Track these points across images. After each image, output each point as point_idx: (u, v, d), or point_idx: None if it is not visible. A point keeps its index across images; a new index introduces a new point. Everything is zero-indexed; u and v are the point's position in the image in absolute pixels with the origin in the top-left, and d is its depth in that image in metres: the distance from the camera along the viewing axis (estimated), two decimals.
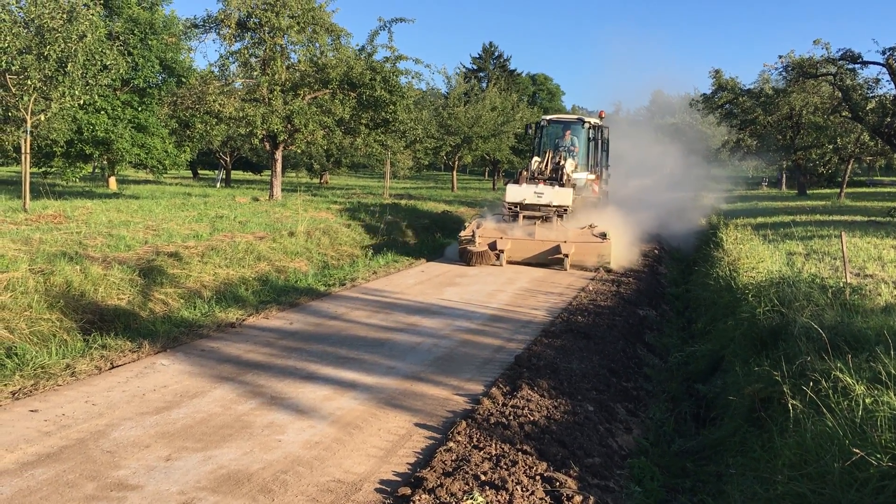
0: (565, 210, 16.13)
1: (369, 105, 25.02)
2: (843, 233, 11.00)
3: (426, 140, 37.29)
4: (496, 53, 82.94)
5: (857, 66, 28.99)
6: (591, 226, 15.85)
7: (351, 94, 24.80)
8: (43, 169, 31.52)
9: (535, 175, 17.12)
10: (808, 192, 44.22)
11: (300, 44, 25.13)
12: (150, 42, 30.59)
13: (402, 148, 33.00)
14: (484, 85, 60.88)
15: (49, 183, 30.37)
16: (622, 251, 16.12)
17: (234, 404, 6.41)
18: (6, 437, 5.47)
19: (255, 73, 24.66)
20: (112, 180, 34.46)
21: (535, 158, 18.02)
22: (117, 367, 7.41)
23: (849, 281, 9.08)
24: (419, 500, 4.45)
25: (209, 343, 8.54)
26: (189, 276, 11.60)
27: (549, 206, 16.14)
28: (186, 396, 6.56)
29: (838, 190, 40.24)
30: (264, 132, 23.93)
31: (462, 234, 16.05)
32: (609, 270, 15.13)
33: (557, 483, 4.78)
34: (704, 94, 42.70)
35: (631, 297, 12.32)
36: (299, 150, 30.92)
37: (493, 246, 15.66)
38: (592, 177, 18.59)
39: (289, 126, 24.25)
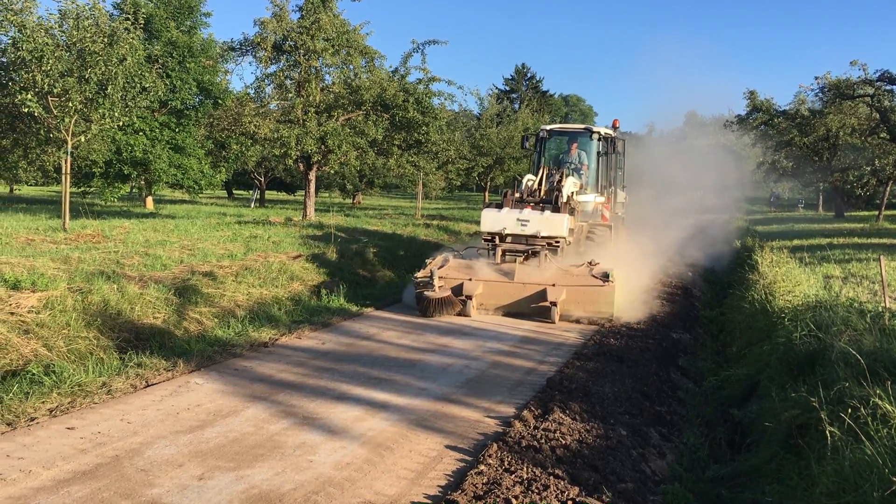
0: (557, 243, 12.58)
1: (402, 126, 25.19)
2: (881, 256, 10.82)
3: (458, 161, 37.39)
4: (528, 74, 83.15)
5: (894, 87, 28.60)
6: (590, 263, 12.43)
7: (384, 116, 25.00)
8: (82, 189, 32.10)
9: (525, 197, 13.53)
10: (845, 214, 43.55)
11: (334, 66, 25.43)
12: (187, 65, 31.13)
13: (435, 169, 33.12)
14: (516, 106, 61.01)
15: (88, 203, 30.92)
16: (633, 295, 12.81)
17: (266, 424, 6.45)
18: (43, 453, 5.55)
19: (290, 95, 24.98)
20: (149, 200, 34.99)
21: (529, 176, 14.34)
22: (152, 385, 7.49)
23: (888, 305, 8.91)
24: None
25: (242, 362, 8.61)
26: (223, 296, 11.72)
27: (535, 237, 12.57)
28: (220, 415, 6.62)
29: (876, 212, 39.58)
30: (298, 153, 24.19)
31: (418, 274, 12.41)
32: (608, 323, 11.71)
33: None
34: (739, 115, 42.36)
35: (664, 320, 12.21)
36: (332, 171, 31.18)
37: (458, 291, 11.98)
38: (602, 199, 15.55)
39: (322, 147, 24.48)
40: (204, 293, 11.41)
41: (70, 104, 16.08)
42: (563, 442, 5.95)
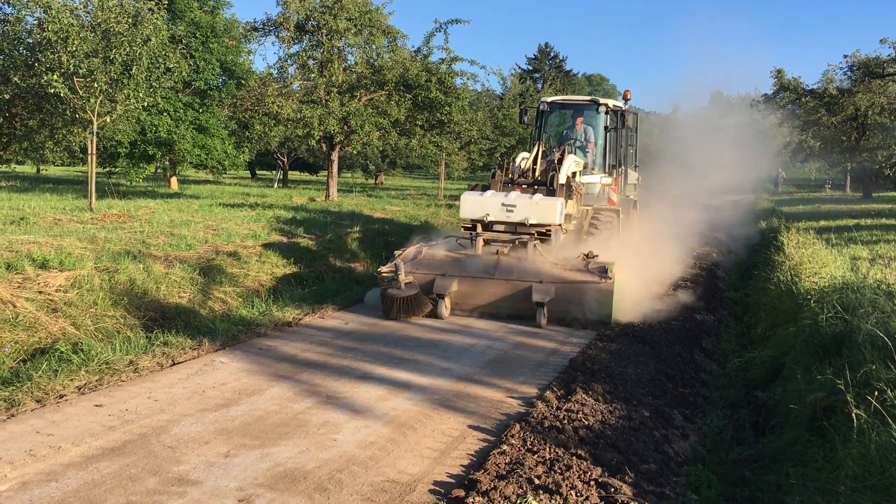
0: (549, 231, 10.85)
1: (425, 106, 25.15)
2: None
3: (481, 141, 37.29)
4: (552, 54, 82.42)
5: None
6: (587, 255, 10.46)
7: (406, 96, 24.96)
8: (108, 169, 32.39)
9: (516, 178, 11.87)
10: (873, 195, 42.96)
11: (357, 46, 25.42)
12: (211, 45, 31.20)
13: (457, 149, 33.10)
14: (539, 86, 60.60)
15: (113, 183, 31.21)
16: (641, 292, 11.07)
17: (290, 402, 6.51)
18: (72, 430, 5.64)
19: (313, 75, 24.99)
20: (174, 180, 35.25)
21: (523, 154, 12.70)
22: (178, 363, 7.58)
23: None
24: (473, 503, 4.46)
25: (266, 341, 8.68)
26: (247, 276, 11.81)
27: (523, 224, 10.81)
28: (244, 394, 6.68)
29: None
30: (321, 133, 24.23)
31: (382, 269, 10.55)
32: (606, 325, 9.90)
33: (612, 489, 4.74)
34: (766, 94, 41.83)
35: (688, 302, 12.13)
36: (355, 152, 31.26)
37: (429, 288, 10.20)
38: (609, 180, 13.97)
39: (345, 127, 24.50)
40: (228, 273, 11.51)
41: (95, 85, 16.20)
42: (586, 423, 5.96)
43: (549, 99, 14.80)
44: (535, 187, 11.58)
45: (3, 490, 4.60)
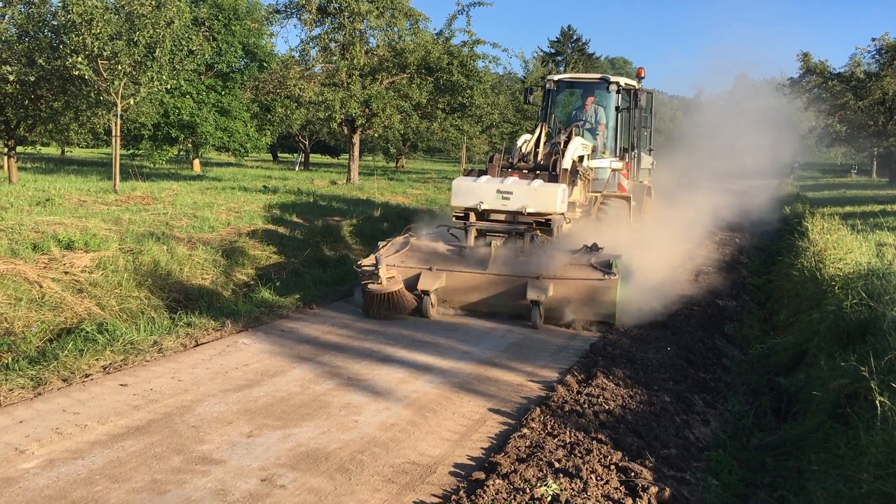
0: (548, 221, 9.84)
1: (446, 89, 25.07)
2: None
3: (502, 125, 37.17)
4: (574, 37, 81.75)
5: None
6: (590, 247, 9.48)
7: (428, 79, 24.89)
8: (131, 151, 32.62)
9: (516, 162, 10.91)
10: None
11: (379, 28, 25.34)
12: (233, 27, 31.24)
13: (479, 132, 33.02)
14: (562, 69, 60.22)
15: (137, 165, 31.44)
16: (651, 288, 9.99)
17: (312, 384, 6.56)
18: (98, 409, 5.73)
19: (335, 58, 24.99)
20: (196, 163, 35.44)
21: (524, 136, 11.68)
22: (201, 344, 7.66)
23: None
24: (493, 485, 4.48)
25: (288, 323, 8.74)
26: (269, 258, 11.88)
27: (521, 213, 9.84)
28: (267, 375, 6.74)
29: None
30: (342, 116, 24.24)
31: (363, 261, 9.48)
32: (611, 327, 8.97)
33: (632, 473, 4.74)
34: (792, 77, 41.32)
35: (709, 288, 12.06)
36: (376, 135, 31.23)
37: (413, 284, 9.24)
38: (620, 165, 12.92)
39: (366, 110, 24.50)
40: (250, 255, 11.59)
41: (119, 67, 16.30)
42: (607, 407, 5.96)
43: (556, 77, 13.83)
44: (537, 172, 10.61)
45: (30, 467, 4.68)
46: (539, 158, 11.01)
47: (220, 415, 5.72)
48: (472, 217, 9.95)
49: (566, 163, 10.67)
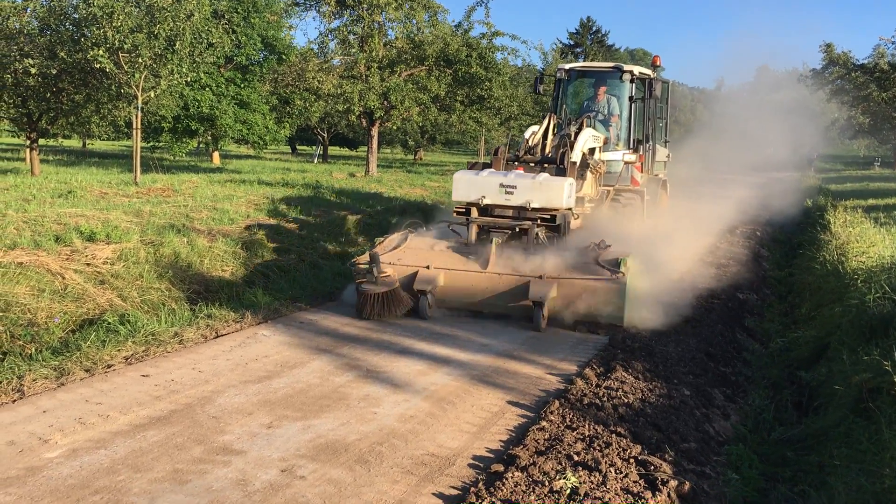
0: (553, 216, 9.28)
1: (465, 82, 25.03)
2: None
3: (521, 117, 37.04)
4: (594, 28, 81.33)
5: None
6: (597, 244, 9.01)
7: (447, 71, 24.85)
8: (151, 144, 32.83)
9: (522, 155, 10.33)
10: None
11: (398, 21, 25.32)
12: (252, 20, 31.33)
13: (497, 125, 32.90)
14: (581, 60, 59.95)
15: (157, 157, 31.64)
16: (663, 288, 9.34)
17: (331, 376, 6.58)
18: (120, 399, 5.78)
19: (353, 51, 25.02)
20: (216, 155, 35.62)
21: (532, 128, 11.07)
22: (222, 336, 7.70)
23: None
24: (512, 478, 4.48)
25: (308, 315, 8.78)
26: (289, 250, 11.92)
27: (525, 209, 9.29)
28: (286, 367, 6.78)
29: None
30: (361, 109, 24.27)
31: (359, 258, 9.15)
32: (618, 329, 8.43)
33: (652, 466, 4.73)
34: (814, 69, 40.88)
35: (731, 280, 11.98)
36: (395, 127, 31.26)
37: (409, 283, 8.81)
38: (633, 157, 12.28)
39: (385, 103, 24.51)
40: (269, 247, 11.63)
41: (140, 60, 16.38)
42: (626, 400, 5.94)
43: (567, 66, 13.13)
44: (545, 166, 10.01)
45: (54, 456, 4.74)
46: (547, 151, 10.41)
47: (241, 406, 5.76)
48: (474, 213, 9.43)
49: (575, 155, 10.14)
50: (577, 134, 10.62)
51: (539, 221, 9.27)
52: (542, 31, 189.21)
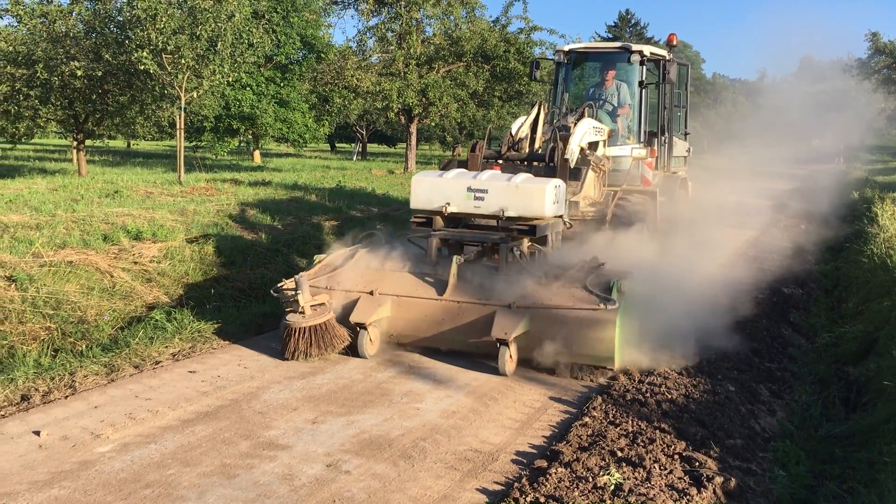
0: (533, 230, 7.39)
1: (503, 77, 25.00)
2: None
3: None
4: (633, 21, 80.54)
5: None
6: (589, 263, 7.22)
7: (485, 67, 24.85)
8: (193, 143, 33.26)
9: (504, 152, 8.61)
10: None
11: (435, 17, 25.38)
12: (291, 19, 31.53)
13: None
14: None
15: (199, 157, 32.07)
16: (674, 316, 7.12)
17: (373, 372, 6.64)
18: (168, 395, 5.90)
19: (392, 48, 25.12)
20: (256, 154, 35.99)
21: (519, 120, 9.22)
22: (265, 332, 7.81)
23: None
24: (556, 473, 4.48)
25: None
26: (330, 247, 12.01)
27: (497, 218, 7.46)
28: (329, 363, 6.85)
29: None
30: (400, 106, 24.37)
31: (285, 283, 7.23)
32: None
33: (697, 463, 4.69)
34: (860, 58, 40.06)
35: (774, 275, 11.80)
36: (433, 124, 31.31)
37: (346, 314, 7.02)
38: (644, 152, 10.58)
39: (423, 99, 24.58)
40: (311, 244, 11.73)
41: (183, 61, 16.62)
42: (669, 396, 5.90)
43: (568, 47, 11.37)
44: (536, 164, 8.47)
45: (106, 451, 4.85)
46: (537, 146, 8.77)
47: (286, 401, 5.84)
48: (438, 223, 7.68)
49: (570, 151, 8.52)
50: (576, 123, 9.13)
51: (515, 233, 7.43)
52: (580, 25, 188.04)
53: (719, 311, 7.82)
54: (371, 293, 7.11)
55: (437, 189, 7.63)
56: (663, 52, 11.13)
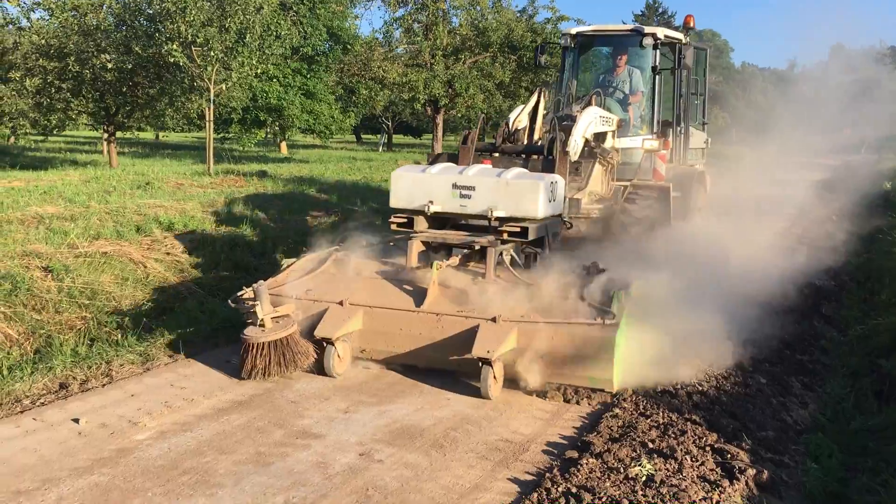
0: (525, 232, 6.52)
1: (529, 68, 24.91)
2: None
3: None
4: (660, 9, 79.82)
5: None
6: (588, 268, 6.50)
7: (511, 58, 24.79)
8: (221, 135, 33.54)
9: (499, 144, 8.03)
10: None
11: (462, 8, 25.34)
12: (318, 11, 31.62)
13: None
14: None
15: (227, 148, 32.33)
16: (686, 326, 6.29)
17: None
18: (202, 384, 5.99)
19: (418, 39, 25.13)
20: (283, 145, 36.22)
21: (517, 109, 8.58)
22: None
23: None
24: (587, 464, 4.50)
25: None
26: (362, 238, 12.08)
27: (483, 217, 6.65)
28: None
29: None
30: (426, 97, 24.38)
31: (244, 291, 6.61)
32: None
33: (728, 455, 4.69)
34: (893, 46, 39.42)
35: (805, 266, 11.69)
36: (459, 114, 31.29)
37: (313, 327, 6.24)
38: (656, 144, 9.63)
39: (450, 90, 24.58)
40: (342, 236, 11.80)
41: (212, 53, 16.78)
42: (700, 388, 5.89)
43: (575, 30, 10.52)
44: (534, 157, 7.71)
45: (143, 438, 4.94)
46: (536, 138, 8.15)
47: (318, 391, 5.91)
48: (420, 224, 6.91)
49: (572, 143, 7.74)
50: (583, 109, 8.42)
51: (504, 236, 6.58)
52: (607, 14, 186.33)
53: (739, 312, 7.39)
54: (341, 303, 6.35)
55: (419, 186, 6.87)
56: (679, 35, 10.23)
